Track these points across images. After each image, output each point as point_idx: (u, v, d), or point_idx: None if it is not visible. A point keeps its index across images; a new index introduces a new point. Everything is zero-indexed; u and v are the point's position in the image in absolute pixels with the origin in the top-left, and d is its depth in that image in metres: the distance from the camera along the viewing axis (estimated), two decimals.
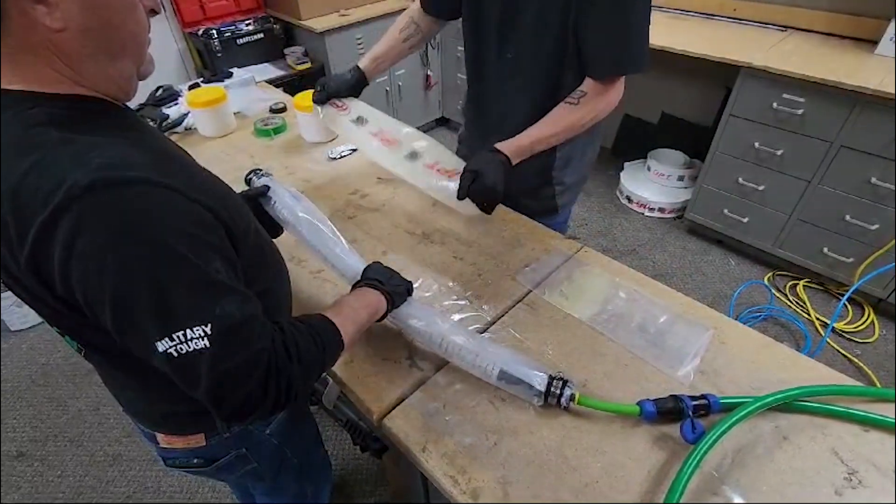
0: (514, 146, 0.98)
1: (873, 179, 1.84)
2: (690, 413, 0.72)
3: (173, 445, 0.78)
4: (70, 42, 0.49)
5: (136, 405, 0.77)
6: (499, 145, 0.98)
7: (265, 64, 2.89)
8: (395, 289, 0.80)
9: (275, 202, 0.94)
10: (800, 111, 1.91)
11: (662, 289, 0.98)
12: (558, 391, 0.74)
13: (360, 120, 1.20)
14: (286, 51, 2.90)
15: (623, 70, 0.98)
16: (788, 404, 0.74)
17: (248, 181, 1.03)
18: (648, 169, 2.76)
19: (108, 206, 0.45)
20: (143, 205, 0.47)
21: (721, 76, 2.32)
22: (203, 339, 0.49)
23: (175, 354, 0.48)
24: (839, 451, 0.70)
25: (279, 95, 1.84)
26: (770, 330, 2.07)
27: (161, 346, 0.48)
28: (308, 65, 2.87)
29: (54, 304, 0.53)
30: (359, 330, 0.72)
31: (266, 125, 1.57)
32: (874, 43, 1.99)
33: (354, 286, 0.81)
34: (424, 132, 1.14)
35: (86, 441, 1.76)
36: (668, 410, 0.73)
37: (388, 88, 3.10)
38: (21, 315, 2.14)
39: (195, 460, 0.80)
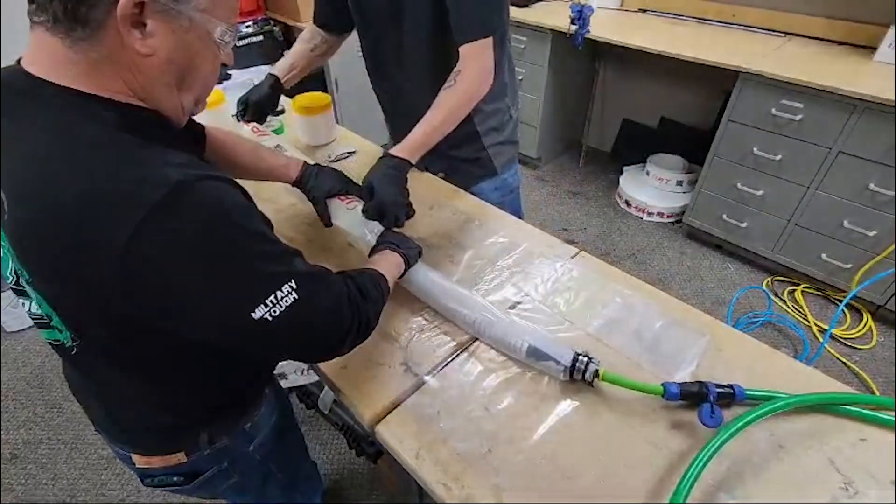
0: (408, 146, 0.99)
1: (872, 186, 1.84)
2: (713, 399, 0.72)
3: (151, 465, 0.76)
4: (151, 67, 0.53)
5: (117, 414, 0.73)
6: (393, 149, 0.99)
7: (264, 66, 2.89)
8: (409, 251, 0.89)
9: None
10: (798, 117, 1.91)
11: (659, 294, 0.97)
12: (583, 367, 0.77)
13: (278, 148, 1.20)
14: (285, 53, 2.90)
15: (476, 34, 1.00)
16: (823, 406, 0.75)
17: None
18: (647, 173, 2.76)
19: (196, 198, 0.48)
20: (220, 195, 0.51)
21: (720, 81, 2.32)
22: (291, 294, 0.55)
23: (269, 318, 0.53)
24: (835, 460, 0.70)
25: None
26: (768, 335, 2.07)
27: (257, 312, 0.53)
28: None
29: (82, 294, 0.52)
30: (392, 278, 0.82)
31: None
32: (873, 49, 1.99)
33: (374, 249, 0.89)
34: None
35: (80, 444, 1.75)
36: (692, 394, 0.74)
37: None
38: (17, 316, 2.13)
39: (175, 478, 0.78)
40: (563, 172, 3.16)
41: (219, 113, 1.54)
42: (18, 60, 0.53)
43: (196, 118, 0.80)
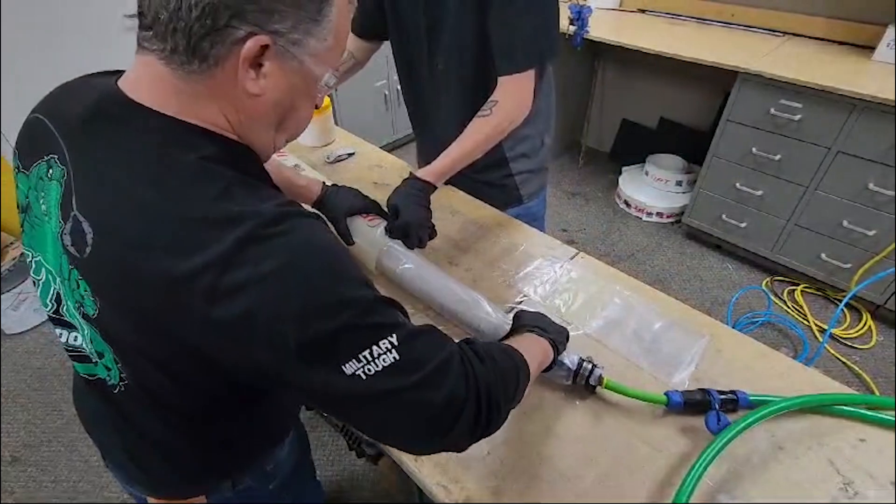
0: (435, 170, 0.98)
1: (871, 185, 1.84)
2: (717, 406, 0.72)
3: None
4: (257, 106, 0.51)
5: (142, 458, 0.68)
6: (420, 171, 0.99)
7: None
8: (558, 337, 0.76)
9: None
10: (797, 117, 1.91)
11: (658, 295, 0.97)
12: (587, 373, 0.76)
13: (296, 167, 1.20)
14: None
15: (520, 65, 0.98)
16: (822, 407, 0.75)
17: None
18: (647, 174, 2.76)
19: (290, 234, 0.46)
20: (316, 231, 0.48)
21: (719, 81, 2.32)
22: (391, 353, 0.46)
23: (363, 377, 0.45)
24: (835, 461, 0.70)
25: None
26: (768, 335, 2.07)
27: (348, 368, 0.45)
28: None
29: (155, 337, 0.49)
30: (538, 369, 0.68)
31: None
32: (872, 49, 1.99)
33: (513, 331, 0.77)
34: None
35: (80, 446, 1.75)
36: (696, 402, 0.74)
37: (386, 93, 3.10)
38: (17, 318, 2.13)
39: None
40: (563, 173, 3.16)
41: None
42: (116, 79, 0.52)
43: None
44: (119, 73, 0.54)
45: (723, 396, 0.74)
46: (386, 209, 0.98)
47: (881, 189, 1.82)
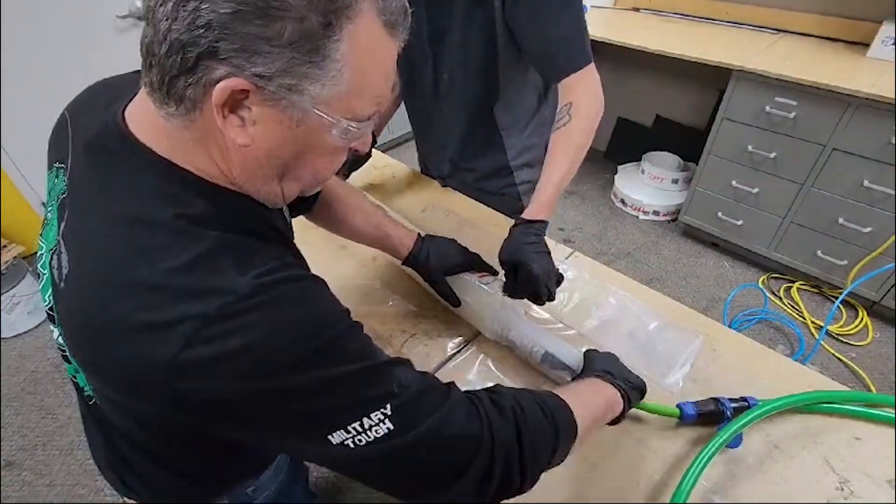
0: (542, 202, 0.88)
1: (866, 182, 1.84)
2: (730, 415, 0.71)
3: None
4: (247, 157, 0.44)
5: (125, 472, 0.66)
6: (526, 213, 0.87)
7: None
8: (631, 386, 0.68)
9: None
10: (792, 114, 1.91)
11: (654, 295, 0.97)
12: None
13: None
14: None
15: (580, 60, 0.91)
16: (820, 405, 0.75)
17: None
18: (642, 172, 2.76)
19: (265, 308, 0.41)
20: (295, 302, 0.43)
21: (714, 79, 2.32)
22: (384, 423, 0.43)
23: (352, 446, 0.42)
24: (831, 460, 0.69)
25: None
26: (764, 333, 2.07)
27: (335, 437, 0.42)
28: None
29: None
30: (595, 422, 0.60)
31: None
32: (866, 46, 1.99)
33: (580, 376, 0.71)
34: None
35: (75, 449, 1.74)
36: (709, 413, 0.72)
37: None
38: (11, 322, 2.12)
39: None
40: None
41: None
42: (124, 108, 0.48)
43: None
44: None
45: (735, 405, 0.72)
46: (499, 263, 0.85)
47: (876, 186, 1.83)
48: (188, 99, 0.41)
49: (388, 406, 0.43)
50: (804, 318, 2.10)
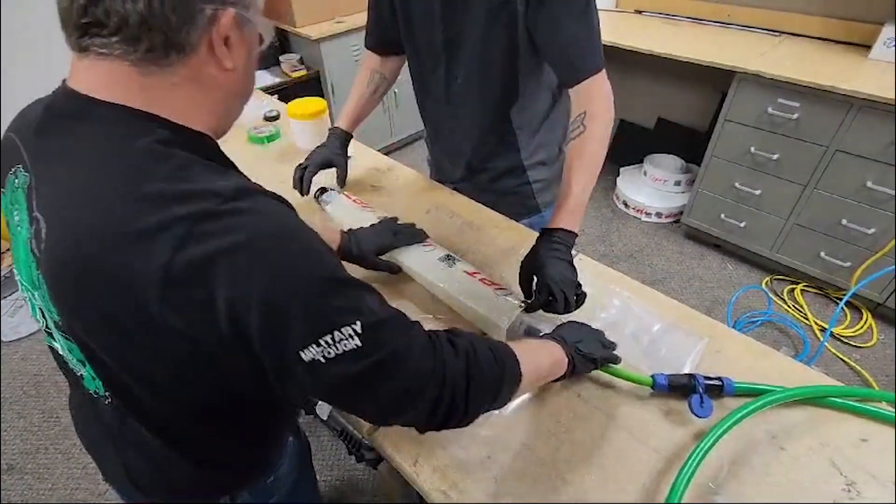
0: (568, 213, 0.88)
1: (869, 183, 1.84)
2: (701, 390, 0.73)
3: None
4: (229, 82, 0.51)
5: (137, 473, 0.67)
6: (552, 223, 0.88)
7: (261, 71, 2.89)
8: (581, 354, 0.73)
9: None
10: (795, 116, 1.91)
11: (657, 296, 0.97)
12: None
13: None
14: (281, 58, 2.90)
15: (594, 66, 0.94)
16: (821, 400, 0.75)
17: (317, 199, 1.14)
18: (645, 174, 2.75)
19: (248, 212, 0.44)
20: (279, 210, 0.47)
21: (716, 81, 2.32)
22: (353, 339, 0.45)
23: (322, 360, 0.45)
24: (837, 461, 0.69)
25: (273, 103, 1.83)
26: (768, 335, 2.06)
27: (306, 354, 0.44)
28: (304, 72, 2.87)
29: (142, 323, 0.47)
30: (539, 376, 0.67)
31: (259, 133, 1.56)
32: (868, 47, 1.99)
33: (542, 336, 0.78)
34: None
35: (77, 453, 1.74)
36: (681, 385, 0.75)
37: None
38: (13, 325, 2.12)
39: None
40: None
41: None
42: (64, 83, 0.50)
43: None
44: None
45: (709, 382, 0.75)
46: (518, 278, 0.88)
47: (879, 187, 1.82)
48: (188, 45, 0.46)
49: (359, 324, 0.46)
50: (808, 320, 2.09)
